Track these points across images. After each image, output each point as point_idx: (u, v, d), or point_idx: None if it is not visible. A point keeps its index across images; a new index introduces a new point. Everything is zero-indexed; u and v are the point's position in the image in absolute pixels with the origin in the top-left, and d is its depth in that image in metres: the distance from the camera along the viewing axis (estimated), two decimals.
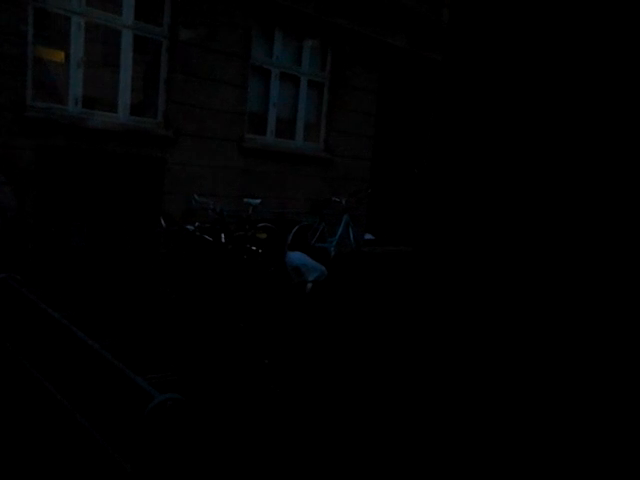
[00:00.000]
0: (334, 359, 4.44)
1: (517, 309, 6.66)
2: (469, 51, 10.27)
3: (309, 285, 5.00)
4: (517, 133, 10.10)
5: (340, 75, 8.68)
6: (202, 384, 3.58)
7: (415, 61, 9.97)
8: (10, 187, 5.59)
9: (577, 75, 8.67)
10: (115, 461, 2.42)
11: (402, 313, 6.06)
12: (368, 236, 8.94)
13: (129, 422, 2.40)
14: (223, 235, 6.37)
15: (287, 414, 3.45)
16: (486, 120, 10.18)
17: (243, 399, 3.53)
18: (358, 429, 3.40)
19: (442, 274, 8.35)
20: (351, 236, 7.96)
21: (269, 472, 2.84)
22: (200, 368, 3.81)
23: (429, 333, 5.44)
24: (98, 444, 2.53)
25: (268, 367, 4.01)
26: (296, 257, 5.37)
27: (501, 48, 10.01)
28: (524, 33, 9.52)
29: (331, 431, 3.32)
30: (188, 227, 6.30)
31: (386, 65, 9.45)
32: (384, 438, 3.34)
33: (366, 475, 2.93)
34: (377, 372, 4.32)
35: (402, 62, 9.78)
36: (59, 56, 6.07)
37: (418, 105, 10.33)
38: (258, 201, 6.97)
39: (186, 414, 2.43)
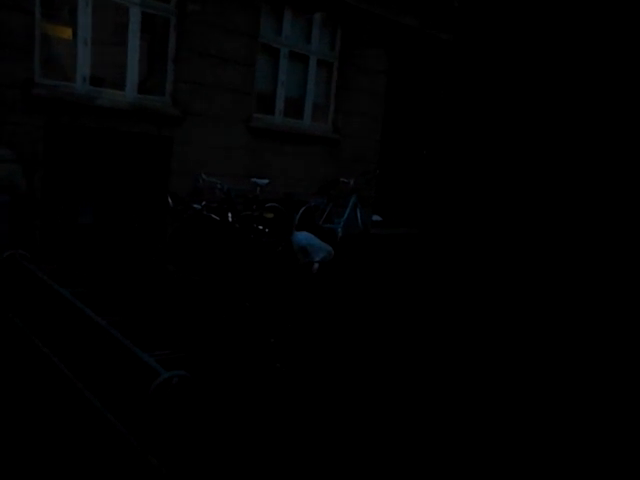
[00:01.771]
0: (339, 338, 4.46)
1: (520, 296, 6.65)
2: (481, 32, 10.12)
3: (316, 265, 4.99)
4: (528, 119, 9.98)
5: (350, 55, 8.58)
6: (208, 362, 3.61)
7: (425, 41, 9.83)
8: (19, 164, 5.60)
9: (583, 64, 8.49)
10: (122, 436, 2.45)
11: (408, 295, 6.06)
12: (376, 217, 8.92)
13: (136, 398, 2.42)
14: (230, 214, 6.36)
15: (292, 392, 3.47)
16: (497, 105, 10.04)
17: (249, 377, 3.56)
18: (361, 412, 3.42)
19: (448, 257, 8.33)
20: (359, 217, 7.93)
21: (272, 448, 2.87)
22: (207, 346, 3.83)
23: (433, 317, 5.44)
24: (105, 419, 2.56)
25: (274, 346, 4.03)
26: (303, 237, 5.36)
27: (512, 31, 9.85)
28: (536, 17, 9.34)
29: (334, 413, 3.35)
30: (195, 206, 6.29)
31: (396, 45, 9.33)
32: (384, 422, 3.36)
33: (365, 459, 2.96)
34: (381, 352, 4.33)
35: (412, 42, 9.65)
36: (66, 33, 6.03)
37: (428, 86, 10.22)
38: (266, 181, 6.95)
39: (192, 391, 2.45)
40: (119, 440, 2.46)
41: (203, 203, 6.37)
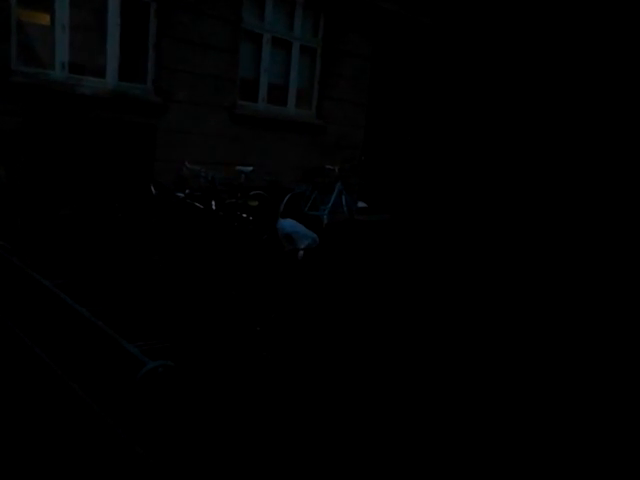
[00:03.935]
0: (325, 326, 4.47)
1: (503, 287, 6.71)
2: (462, 16, 10.10)
3: (301, 253, 4.99)
4: (513, 107, 10.01)
5: (333, 40, 8.52)
6: (194, 351, 3.60)
7: (409, 26, 9.79)
8: None
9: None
10: (108, 426, 2.44)
11: (392, 280, 6.09)
12: (361, 204, 8.92)
13: (121, 389, 2.41)
14: (214, 202, 6.33)
15: (278, 381, 3.48)
16: (481, 91, 10.06)
17: (234, 366, 3.56)
18: (348, 401, 3.44)
19: (430, 245, 8.37)
20: (344, 204, 7.93)
21: (260, 437, 2.87)
22: (192, 336, 3.82)
23: (417, 304, 5.47)
24: (90, 410, 2.54)
25: (260, 334, 4.03)
26: (288, 225, 5.35)
27: (493, 14, 9.83)
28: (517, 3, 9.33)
29: (321, 400, 3.36)
30: (179, 194, 6.24)
31: (380, 30, 9.28)
32: (373, 411, 3.38)
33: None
34: (367, 339, 4.35)
35: (396, 27, 9.60)
36: (44, 19, 5.91)
37: (412, 71, 10.19)
38: (250, 168, 6.91)
39: (177, 381, 2.44)
40: (105, 430, 2.45)
41: (187, 191, 6.32)
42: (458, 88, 10.55)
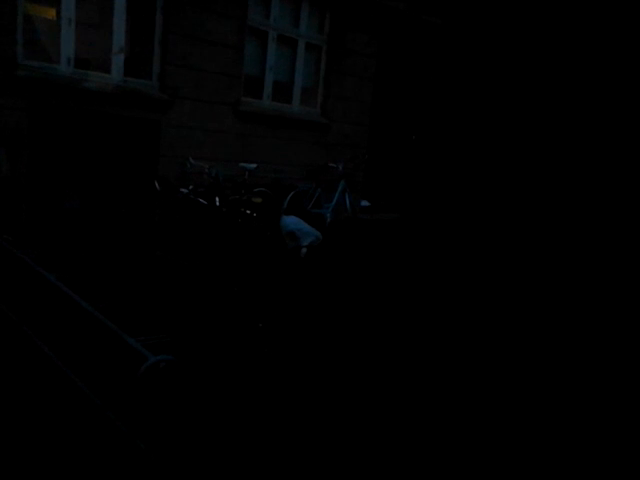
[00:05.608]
0: (327, 323, 4.47)
1: (504, 287, 6.70)
2: (469, 16, 10.07)
3: (303, 250, 5.00)
4: (519, 107, 9.97)
5: (339, 38, 8.51)
6: (196, 347, 3.60)
7: (415, 25, 9.77)
8: (1, 148, 5.52)
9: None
10: (110, 421, 2.45)
11: (393, 279, 6.08)
12: (364, 203, 8.92)
13: (123, 383, 2.41)
14: (218, 199, 6.33)
15: (280, 377, 3.48)
16: (486, 91, 10.02)
17: (236, 362, 3.56)
18: (349, 399, 3.44)
19: (432, 242, 8.36)
20: (347, 202, 7.93)
21: (261, 433, 2.88)
22: (194, 331, 3.83)
23: (420, 304, 5.46)
24: (93, 404, 2.55)
25: (262, 331, 4.03)
26: (291, 222, 5.37)
27: (500, 14, 9.80)
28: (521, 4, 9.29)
29: (322, 395, 3.36)
30: (182, 190, 6.25)
31: (386, 29, 9.26)
32: (376, 409, 3.38)
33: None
34: (369, 337, 4.35)
35: (402, 26, 9.59)
36: (50, 13, 5.92)
37: (417, 70, 10.18)
38: (254, 166, 6.91)
39: (179, 375, 2.44)
40: (107, 425, 2.46)
41: (190, 187, 6.33)
42: (464, 87, 10.53)
